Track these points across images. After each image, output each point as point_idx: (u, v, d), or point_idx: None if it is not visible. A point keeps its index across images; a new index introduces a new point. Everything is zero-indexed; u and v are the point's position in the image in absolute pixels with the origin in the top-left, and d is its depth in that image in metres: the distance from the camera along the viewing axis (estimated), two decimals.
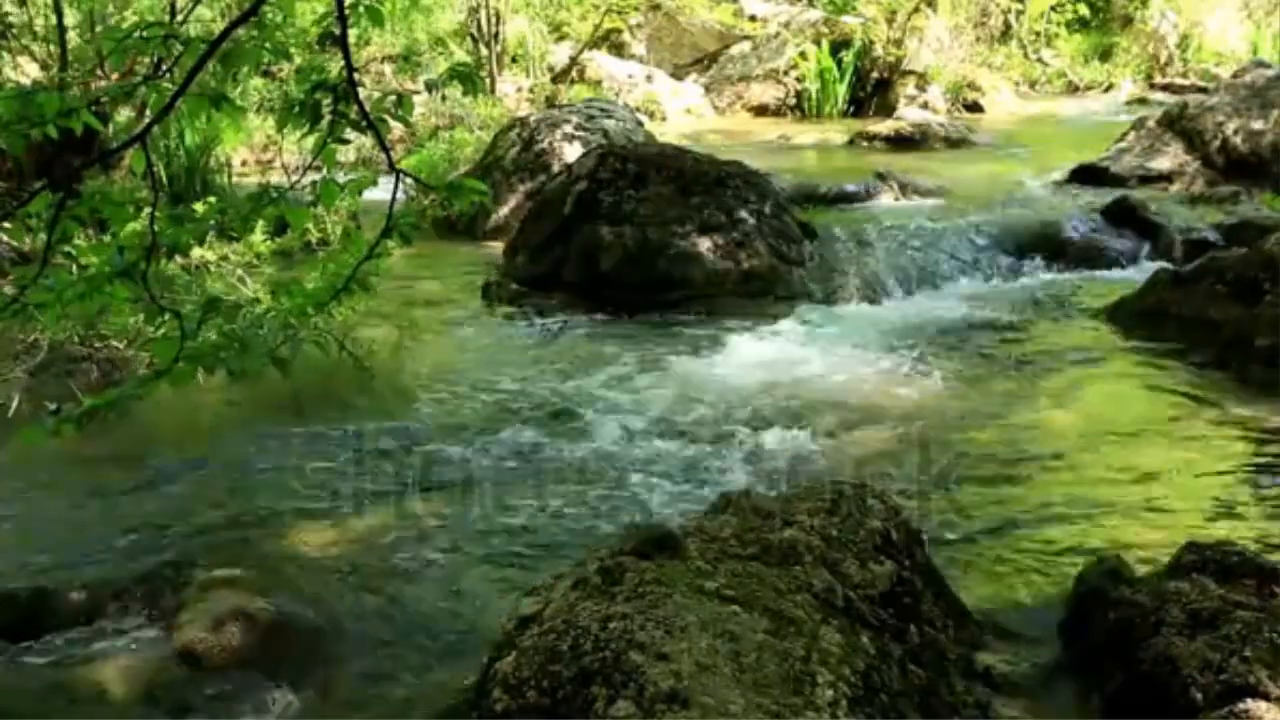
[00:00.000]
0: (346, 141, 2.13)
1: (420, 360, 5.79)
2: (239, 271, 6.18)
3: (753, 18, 15.58)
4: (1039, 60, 16.31)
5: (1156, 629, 2.85)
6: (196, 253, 6.20)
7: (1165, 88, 15.37)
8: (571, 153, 8.61)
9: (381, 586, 3.63)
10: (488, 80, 12.64)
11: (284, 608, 3.41)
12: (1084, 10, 16.59)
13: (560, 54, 14.63)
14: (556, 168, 8.47)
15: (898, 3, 14.48)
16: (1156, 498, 4.17)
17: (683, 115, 13.92)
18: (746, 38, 15.22)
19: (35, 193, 2.08)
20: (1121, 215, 7.87)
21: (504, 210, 8.55)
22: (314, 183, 2.23)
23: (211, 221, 2.16)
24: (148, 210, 2.07)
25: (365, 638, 3.35)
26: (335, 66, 2.17)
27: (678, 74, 15.06)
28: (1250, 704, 2.56)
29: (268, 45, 2.07)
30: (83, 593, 3.51)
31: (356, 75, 2.10)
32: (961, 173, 9.65)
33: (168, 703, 3.08)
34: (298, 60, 6.92)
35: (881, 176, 9.07)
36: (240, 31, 2.08)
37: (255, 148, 10.63)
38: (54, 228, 1.99)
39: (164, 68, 2.11)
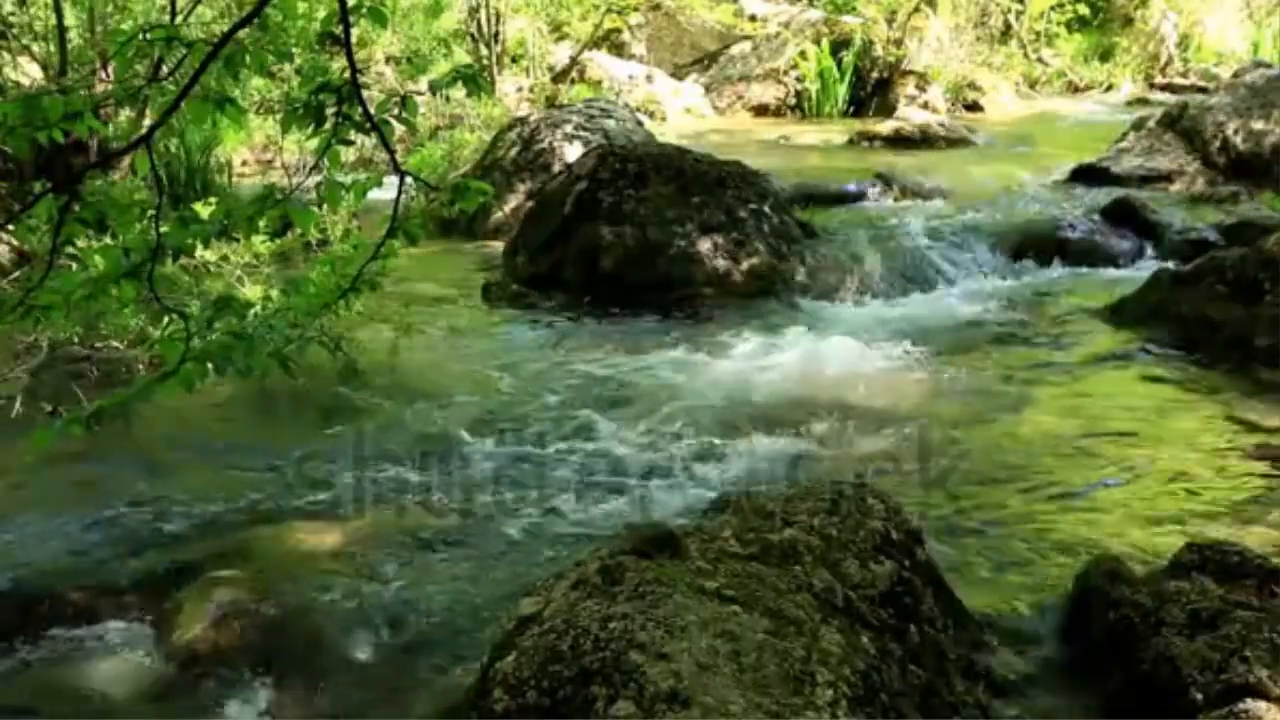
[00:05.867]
0: (350, 143, 2.13)
1: (420, 360, 5.79)
2: (238, 272, 6.18)
3: (753, 18, 15.58)
4: (1039, 60, 16.30)
5: (1156, 629, 2.85)
6: (197, 253, 6.21)
7: (1165, 88, 15.39)
8: (572, 153, 8.62)
9: (381, 586, 3.63)
10: (488, 80, 12.63)
11: (284, 607, 3.42)
12: (1084, 10, 16.58)
13: (560, 54, 14.62)
14: (557, 168, 8.47)
15: (898, 3, 14.47)
16: (1156, 498, 4.17)
17: (683, 115, 13.91)
18: (746, 38, 15.22)
19: (39, 195, 2.08)
20: (1122, 215, 7.88)
21: (504, 210, 8.55)
22: (317, 184, 2.23)
23: (216, 224, 2.17)
24: (151, 212, 2.07)
25: (365, 637, 3.35)
26: (336, 66, 2.18)
27: (678, 74, 15.05)
28: (1250, 704, 2.57)
29: (270, 47, 2.08)
30: (82, 592, 3.52)
31: (359, 76, 2.11)
32: (962, 173, 9.64)
33: (167, 701, 3.09)
34: (298, 60, 6.92)
35: (882, 176, 9.07)
36: (243, 32, 2.09)
37: (256, 148, 10.63)
38: (59, 230, 2.00)
39: (167, 69, 2.12)
